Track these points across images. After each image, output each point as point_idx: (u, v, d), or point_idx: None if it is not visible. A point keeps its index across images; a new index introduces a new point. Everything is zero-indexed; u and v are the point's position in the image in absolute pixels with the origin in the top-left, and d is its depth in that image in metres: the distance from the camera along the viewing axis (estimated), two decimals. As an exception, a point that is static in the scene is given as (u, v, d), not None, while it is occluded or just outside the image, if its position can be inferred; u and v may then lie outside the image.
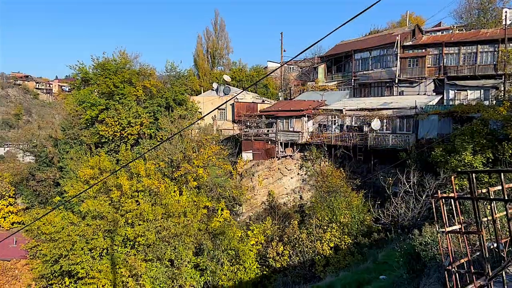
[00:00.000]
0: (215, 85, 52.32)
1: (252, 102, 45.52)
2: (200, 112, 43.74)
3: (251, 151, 38.12)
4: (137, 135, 38.07)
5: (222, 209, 30.52)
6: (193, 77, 61.14)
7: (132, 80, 39.76)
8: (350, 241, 23.54)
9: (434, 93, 36.39)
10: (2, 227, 36.68)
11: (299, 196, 35.29)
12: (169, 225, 26.12)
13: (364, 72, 42.16)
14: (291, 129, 36.54)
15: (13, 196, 39.37)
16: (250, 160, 37.97)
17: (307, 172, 35.45)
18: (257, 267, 26.31)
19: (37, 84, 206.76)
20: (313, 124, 36.29)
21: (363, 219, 24.76)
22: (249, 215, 35.36)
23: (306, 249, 24.13)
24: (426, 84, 37.49)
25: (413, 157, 26.84)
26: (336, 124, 34.70)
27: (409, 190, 22.85)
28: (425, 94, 36.76)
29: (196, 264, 26.44)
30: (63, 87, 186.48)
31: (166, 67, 43.44)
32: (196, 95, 52.67)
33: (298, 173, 36.04)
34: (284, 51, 52.53)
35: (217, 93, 50.05)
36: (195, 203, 28.44)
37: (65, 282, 25.37)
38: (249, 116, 40.19)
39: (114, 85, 38.13)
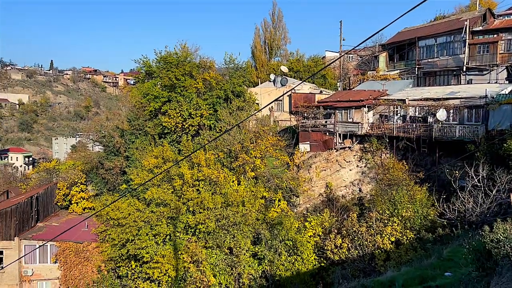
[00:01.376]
0: (272, 76, 52.36)
1: (310, 93, 45.05)
2: (257, 104, 44.04)
3: (308, 142, 37.85)
4: (197, 126, 39.11)
5: (279, 200, 30.69)
6: (250, 68, 61.51)
7: (192, 72, 40.82)
8: (413, 236, 22.73)
9: (507, 82, 33.90)
10: (75, 212, 39.37)
11: (358, 189, 34.59)
12: (228, 214, 26.73)
13: (429, 60, 40.17)
14: (350, 120, 35.78)
15: (85, 183, 42.06)
16: (307, 152, 37.72)
17: (367, 164, 34.60)
18: (314, 258, 26.23)
19: (105, 78, 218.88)
20: (374, 115, 35.27)
21: (427, 213, 23.78)
22: (306, 206, 35.25)
23: (366, 242, 23.64)
24: (498, 71, 35.01)
25: (483, 150, 25.28)
26: (399, 114, 33.46)
27: (478, 184, 21.59)
28: (496, 82, 34.35)
29: (254, 253, 26.86)
30: (128, 80, 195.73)
31: (224, 59, 44.08)
32: (254, 86, 53.02)
33: (357, 165, 35.28)
34: (343, 40, 51.27)
35: (274, 84, 50.07)
36: (253, 193, 28.82)
37: (131, 265, 26.87)
38: (307, 107, 39.84)
39: (175, 77, 39.38)
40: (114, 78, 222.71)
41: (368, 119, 35.06)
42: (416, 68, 41.34)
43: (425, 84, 40.48)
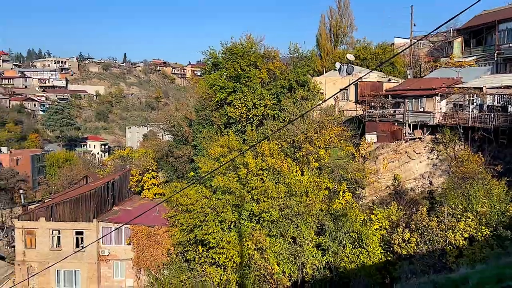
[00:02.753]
0: (337, 65, 51.17)
1: (377, 81, 43.47)
2: (322, 93, 43.37)
3: (375, 132, 36.68)
4: (261, 116, 39.39)
5: (343, 191, 30.18)
6: (315, 57, 60.56)
7: (257, 63, 41.04)
8: (488, 232, 21.35)
9: None
10: (147, 197, 41.60)
11: (428, 182, 33.00)
12: (292, 203, 26.82)
13: (511, 44, 37.01)
14: (421, 110, 34.08)
15: (156, 170, 44.23)
16: (374, 142, 36.59)
17: (439, 156, 32.85)
18: (380, 252, 25.58)
19: (173, 70, 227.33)
20: (447, 104, 33.30)
21: (505, 209, 22.17)
22: (372, 199, 34.32)
23: (436, 237, 22.61)
24: None
25: None
26: (475, 103, 31.29)
27: None
28: None
29: (318, 244, 26.77)
30: (195, 72, 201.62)
31: (289, 48, 43.80)
32: (318, 75, 52.23)
33: (428, 157, 33.62)
34: (414, 25, 48.66)
35: (339, 73, 48.92)
36: (316, 183, 28.63)
37: (198, 250, 27.96)
38: (374, 96, 38.53)
39: (240, 68, 39.84)
40: (182, 70, 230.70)
41: (440, 109, 33.18)
42: (496, 54, 38.26)
43: (505, 71, 37.38)
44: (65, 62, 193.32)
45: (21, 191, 64.38)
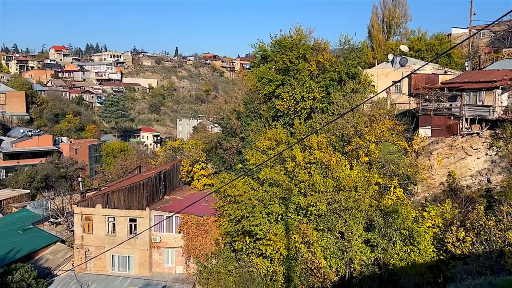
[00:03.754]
0: (390, 57, 49.53)
1: (432, 74, 41.66)
2: (373, 85, 42.22)
3: (429, 127, 35.27)
4: (309, 109, 39.05)
5: (394, 187, 29.33)
6: (366, 49, 58.95)
7: (306, 55, 40.66)
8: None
9: None
10: (196, 188, 42.63)
11: (486, 179, 31.34)
12: (340, 198, 26.46)
13: None
14: (480, 103, 32.32)
15: (205, 161, 45.17)
16: (428, 137, 35.20)
17: (498, 152, 31.06)
18: (433, 250, 24.70)
19: (223, 63, 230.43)
20: (509, 97, 31.35)
21: None
22: (425, 195, 33.13)
23: (494, 238, 21.47)
24: None
25: None
26: (540, 97, 29.24)
27: None
28: None
29: (366, 240, 26.29)
30: (244, 65, 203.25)
31: (339, 40, 42.97)
32: (370, 67, 50.84)
33: (486, 153, 31.89)
34: (474, 14, 46.10)
35: (392, 65, 47.35)
36: (366, 178, 28.01)
37: (246, 241, 28.34)
38: (429, 88, 37.00)
39: (289, 61, 39.65)
40: (231, 63, 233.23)
41: (501, 102, 31.30)
42: None
43: None
44: (120, 56, 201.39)
45: (79, 179, 68.24)
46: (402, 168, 31.13)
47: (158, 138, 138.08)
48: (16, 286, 29.58)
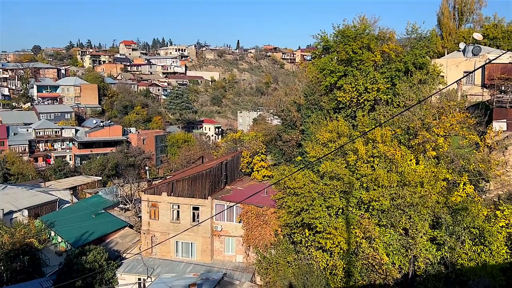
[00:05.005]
0: (461, 45, 46.65)
1: (509, 63, 38.60)
2: (442, 76, 40.00)
3: (505, 120, 32.85)
4: (373, 101, 37.87)
5: (464, 184, 27.73)
6: (435, 38, 55.90)
7: (370, 45, 39.36)
8: None
9: None
10: (256, 179, 43.13)
11: None
12: (405, 193, 25.54)
13: None
14: None
15: (265, 153, 45.54)
16: (503, 131, 32.80)
17: None
18: (506, 252, 23.12)
19: (283, 55, 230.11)
20: None
21: None
22: (498, 193, 30.97)
23: None
24: None
25: None
26: None
27: None
28: None
29: (432, 238, 25.22)
30: (304, 56, 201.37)
31: (406, 29, 41.18)
32: (439, 57, 48.25)
33: None
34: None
35: (464, 54, 44.56)
36: (433, 174, 26.72)
37: (305, 233, 28.25)
38: (505, 79, 34.38)
39: (352, 51, 38.61)
40: (292, 55, 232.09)
41: None
42: None
43: None
44: (184, 49, 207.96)
45: (146, 167, 71.72)
46: (473, 164, 29.30)
47: (220, 129, 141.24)
48: (90, 266, 31.86)
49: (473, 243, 23.94)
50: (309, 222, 27.36)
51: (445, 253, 24.48)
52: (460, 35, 55.74)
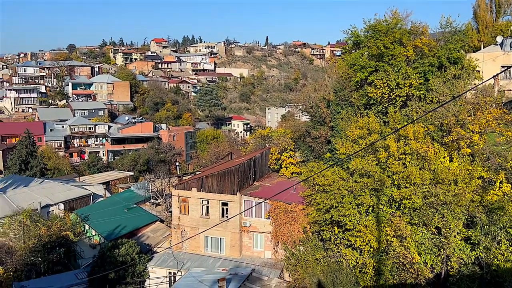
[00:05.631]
0: (499, 39, 45.05)
1: (551, 56, 36.96)
2: (478, 71, 38.67)
3: (545, 116, 31.38)
4: (405, 97, 37.07)
5: (501, 182, 26.74)
6: (471, 31, 54.12)
7: (402, 40, 38.50)
8: None
9: None
10: (285, 175, 43.09)
11: None
12: (438, 191, 24.92)
13: None
14: None
15: (293, 150, 45.38)
16: (544, 127, 31.37)
17: None
18: (546, 253, 22.21)
19: (312, 51, 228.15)
20: None
21: None
22: (538, 192, 29.70)
23: None
24: None
25: None
26: None
27: None
28: None
29: (466, 237, 24.51)
30: (334, 52, 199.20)
31: (440, 23, 39.86)
32: (474, 51, 46.71)
33: None
34: None
35: (501, 48, 43.02)
36: (468, 171, 25.92)
37: (334, 231, 28.01)
38: (546, 73, 32.88)
39: (384, 46, 37.87)
40: (321, 50, 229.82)
41: None
42: None
43: None
44: (213, 46, 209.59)
45: (177, 163, 73.06)
46: (511, 162, 28.23)
47: (248, 126, 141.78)
48: (122, 259, 32.76)
49: (510, 244, 23.11)
50: (339, 220, 27.11)
51: (480, 253, 23.75)
52: (497, 28, 53.72)
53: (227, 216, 36.13)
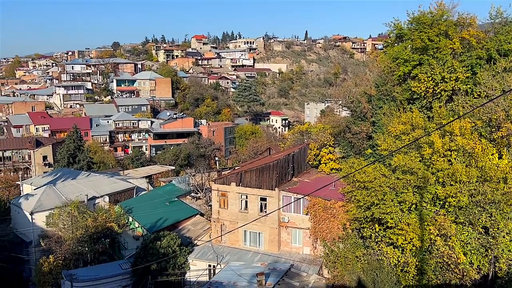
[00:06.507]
0: (555, 29, 42.20)
1: None
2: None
3: None
4: (451, 91, 35.78)
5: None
6: (524, 21, 51.22)
7: (448, 32, 37.12)
8: None
9: None
10: (324, 171, 42.68)
11: None
12: (485, 190, 23.94)
13: None
14: None
15: (333, 145, 44.86)
16: None
17: None
18: None
19: (353, 44, 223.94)
20: None
21: None
22: None
23: None
24: None
25: None
26: None
27: None
28: None
29: (517, 238, 23.37)
30: (376, 45, 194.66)
31: (490, 13, 38.07)
32: (527, 42, 44.08)
33: None
34: None
35: (558, 39, 40.32)
36: (518, 169, 24.68)
37: (375, 228, 27.48)
38: None
39: (428, 39, 36.68)
40: (362, 44, 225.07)
41: None
42: None
43: None
44: (253, 42, 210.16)
45: (216, 158, 74.08)
46: None
47: (286, 121, 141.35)
48: (164, 251, 33.70)
49: None
50: (380, 217, 26.58)
51: (532, 255, 22.63)
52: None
53: (265, 211, 36.28)
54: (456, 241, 24.07)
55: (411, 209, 26.28)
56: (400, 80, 39.96)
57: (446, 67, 35.38)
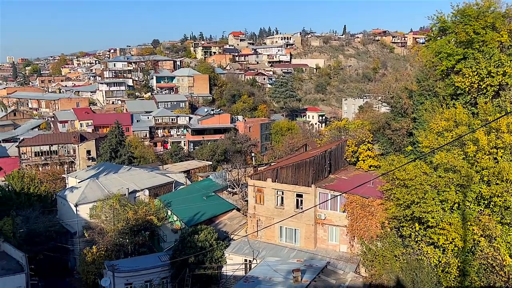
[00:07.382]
0: None
1: None
2: None
3: None
4: (497, 86, 34.19)
5: None
6: None
7: (495, 24, 35.45)
8: None
9: None
10: (362, 168, 41.92)
11: None
12: (535, 190, 22.73)
13: None
14: None
15: (371, 142, 43.91)
16: None
17: None
18: None
19: (393, 39, 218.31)
20: None
21: None
22: None
23: None
24: None
25: None
26: None
27: None
28: None
29: None
30: (417, 39, 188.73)
31: (541, 3, 36.16)
32: None
33: None
34: None
35: None
36: None
37: (415, 227, 26.79)
38: None
39: (474, 31, 35.19)
40: (403, 38, 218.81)
41: None
42: None
43: None
44: (290, 38, 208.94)
45: (252, 154, 74.37)
46: None
47: (323, 117, 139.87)
48: (201, 244, 34.33)
49: None
50: (420, 216, 25.87)
51: None
52: None
53: (301, 208, 36.14)
54: (502, 242, 23.09)
55: (453, 208, 25.42)
56: (443, 75, 38.59)
57: (492, 61, 33.86)
